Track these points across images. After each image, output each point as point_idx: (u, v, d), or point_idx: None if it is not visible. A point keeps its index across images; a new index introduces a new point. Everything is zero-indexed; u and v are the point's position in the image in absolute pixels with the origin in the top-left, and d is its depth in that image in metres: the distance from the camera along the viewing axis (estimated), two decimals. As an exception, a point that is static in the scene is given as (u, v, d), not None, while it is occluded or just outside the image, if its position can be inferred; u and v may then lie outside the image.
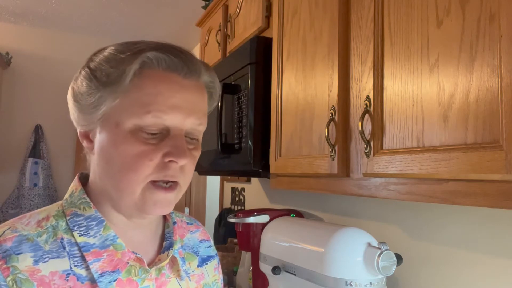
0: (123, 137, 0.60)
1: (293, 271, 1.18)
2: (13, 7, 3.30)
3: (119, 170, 0.60)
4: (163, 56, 0.61)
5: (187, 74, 0.63)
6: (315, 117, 1.10)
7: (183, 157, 0.60)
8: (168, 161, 0.60)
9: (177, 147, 0.60)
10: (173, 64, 0.61)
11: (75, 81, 0.65)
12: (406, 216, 1.24)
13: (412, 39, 0.80)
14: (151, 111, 0.59)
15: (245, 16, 1.65)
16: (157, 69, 0.61)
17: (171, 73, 0.62)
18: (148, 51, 0.61)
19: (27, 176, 3.57)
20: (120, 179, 0.61)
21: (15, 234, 0.59)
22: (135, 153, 0.59)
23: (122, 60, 0.61)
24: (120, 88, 0.60)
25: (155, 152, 0.60)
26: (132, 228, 0.68)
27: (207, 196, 3.75)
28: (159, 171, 0.60)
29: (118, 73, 0.60)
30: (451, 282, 1.09)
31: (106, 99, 0.61)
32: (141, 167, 0.60)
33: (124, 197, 0.62)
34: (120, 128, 0.60)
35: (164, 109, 0.60)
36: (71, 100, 0.66)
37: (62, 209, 0.65)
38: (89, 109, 0.62)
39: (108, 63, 0.62)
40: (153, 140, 0.60)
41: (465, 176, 0.67)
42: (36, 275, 0.57)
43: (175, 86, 0.61)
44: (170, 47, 0.63)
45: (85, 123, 0.64)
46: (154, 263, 0.68)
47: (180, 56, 0.62)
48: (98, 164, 0.64)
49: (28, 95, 3.72)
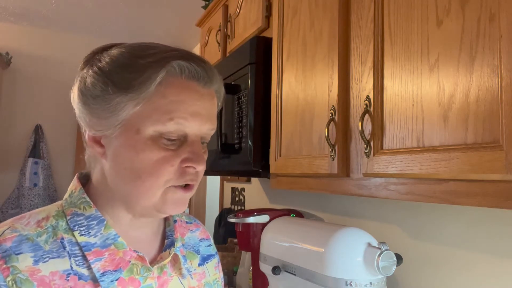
0: (143, 143, 0.61)
1: (293, 271, 1.18)
2: (13, 7, 3.30)
3: (139, 176, 0.61)
4: (186, 64, 0.62)
5: (207, 83, 0.64)
6: (315, 117, 1.10)
7: (201, 163, 0.63)
8: (186, 167, 0.62)
9: (195, 153, 0.63)
10: (196, 73, 0.63)
11: (82, 83, 0.64)
12: (406, 216, 1.24)
13: (412, 39, 0.80)
14: (174, 118, 0.60)
15: (245, 16, 1.65)
16: (180, 77, 0.62)
17: (192, 81, 0.63)
18: (171, 59, 0.61)
19: (27, 176, 3.57)
20: (141, 185, 0.62)
21: (15, 234, 0.59)
22: (156, 159, 0.61)
23: (144, 66, 0.60)
24: (143, 95, 0.60)
25: (175, 158, 0.62)
26: (135, 228, 0.68)
27: (207, 196, 3.75)
28: (179, 176, 0.62)
29: (141, 80, 0.60)
30: (451, 282, 1.09)
31: (126, 104, 0.60)
32: (163, 173, 0.61)
33: (143, 200, 0.63)
34: (141, 134, 0.61)
35: (186, 117, 0.61)
36: (80, 103, 0.64)
37: (62, 209, 0.65)
38: (104, 114, 0.61)
39: (125, 68, 0.61)
40: (172, 146, 0.62)
41: (465, 176, 0.67)
42: (36, 275, 0.57)
43: (196, 95, 0.63)
44: (192, 56, 0.64)
45: (100, 128, 0.63)
46: (156, 261, 0.68)
47: (202, 66, 0.63)
48: (113, 168, 0.64)
49: (28, 95, 3.71)
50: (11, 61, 3.63)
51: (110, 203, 0.66)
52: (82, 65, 0.66)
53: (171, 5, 3.10)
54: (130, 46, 0.65)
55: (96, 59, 0.64)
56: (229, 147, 1.48)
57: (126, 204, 0.65)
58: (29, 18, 3.52)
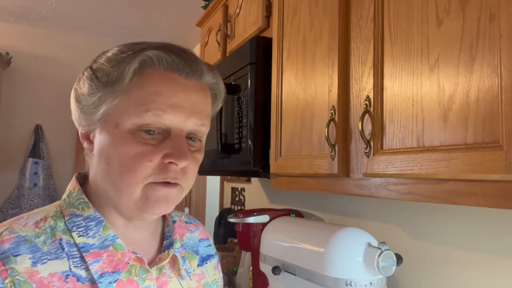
0: (122, 137, 0.59)
1: (293, 271, 1.18)
2: (13, 7, 3.30)
3: (118, 171, 0.60)
4: (164, 55, 0.60)
5: (189, 74, 0.62)
6: (315, 117, 1.10)
7: (183, 158, 0.59)
8: (168, 163, 0.60)
9: (177, 148, 0.59)
10: (174, 64, 0.61)
11: (77, 83, 0.65)
12: (406, 216, 1.24)
13: (412, 39, 0.80)
14: (150, 110, 0.58)
15: (245, 16, 1.65)
16: (158, 68, 0.61)
17: (173, 72, 0.61)
18: (149, 50, 0.60)
19: (27, 176, 3.57)
20: (120, 181, 0.60)
21: (12, 236, 0.58)
22: (134, 153, 0.59)
23: (122, 59, 0.60)
24: (120, 88, 0.60)
25: (154, 153, 0.59)
26: (132, 230, 0.67)
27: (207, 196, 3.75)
28: (159, 172, 0.60)
29: (118, 72, 0.60)
30: (451, 282, 1.09)
31: (106, 99, 0.60)
32: (140, 168, 0.59)
33: (124, 199, 0.61)
34: (119, 128, 0.60)
35: (164, 108, 0.59)
36: (73, 102, 0.65)
37: (60, 210, 0.64)
38: (90, 110, 0.62)
39: (109, 63, 0.62)
40: (153, 141, 0.60)
41: (465, 176, 0.67)
42: (35, 277, 0.56)
43: (176, 86, 0.61)
44: (172, 47, 0.62)
45: (86, 123, 0.64)
46: (154, 262, 0.67)
47: (182, 56, 0.62)
48: (98, 165, 0.63)
49: (28, 95, 3.71)
50: (11, 61, 3.63)
51: (103, 204, 0.65)
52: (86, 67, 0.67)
53: (171, 5, 3.10)
54: (123, 44, 0.65)
55: (94, 61, 0.65)
56: (229, 147, 1.48)
57: (111, 203, 0.64)
58: (29, 18, 3.52)
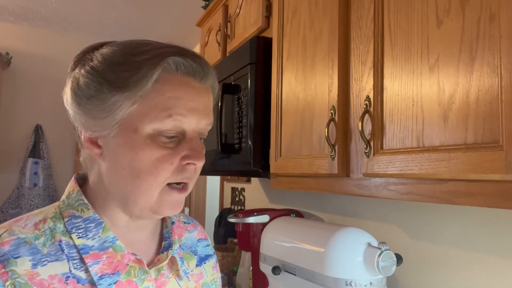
0: (142, 142, 0.60)
1: (293, 271, 1.18)
2: (13, 7, 3.30)
3: (138, 176, 0.60)
4: (182, 61, 0.61)
5: (203, 79, 0.64)
6: (315, 117, 1.10)
7: (201, 158, 0.63)
8: (186, 164, 0.62)
9: (195, 150, 0.62)
10: (191, 69, 0.62)
11: (75, 83, 0.63)
12: (406, 216, 1.24)
13: (412, 39, 0.80)
14: (172, 115, 0.60)
15: (245, 16, 1.65)
16: (176, 73, 0.61)
17: (189, 77, 0.62)
18: (167, 55, 0.60)
19: (27, 176, 3.57)
20: (140, 184, 0.61)
21: (12, 238, 0.58)
22: (156, 157, 0.60)
23: (139, 63, 0.59)
24: (140, 93, 0.59)
25: (174, 155, 0.61)
26: (132, 229, 0.67)
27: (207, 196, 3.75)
28: (177, 174, 0.62)
29: (137, 77, 0.59)
30: (451, 282, 1.09)
31: (122, 103, 0.59)
32: (162, 172, 0.61)
33: (140, 201, 0.62)
34: (139, 133, 0.60)
35: (184, 113, 0.61)
36: (74, 104, 0.63)
37: (59, 211, 0.64)
38: (100, 114, 0.60)
39: (120, 67, 0.60)
40: (171, 144, 0.61)
41: (465, 176, 0.67)
42: (35, 279, 0.56)
43: (193, 91, 0.62)
44: (186, 52, 0.63)
45: (97, 128, 0.61)
46: (153, 263, 0.67)
47: (198, 61, 0.63)
48: (111, 169, 0.63)
49: (28, 95, 3.71)
50: (11, 61, 3.63)
51: (107, 205, 0.65)
52: (73, 65, 0.65)
53: (171, 5, 3.10)
54: (122, 44, 0.64)
55: (87, 59, 0.63)
56: (229, 147, 1.48)
57: (123, 205, 0.64)
58: (29, 18, 3.52)
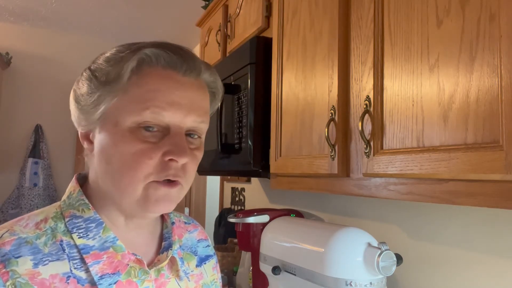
0: (122, 136, 0.60)
1: (293, 271, 1.18)
2: (13, 7, 3.30)
3: (119, 170, 0.60)
4: (162, 53, 0.61)
5: (187, 71, 0.62)
6: (315, 117, 1.10)
7: (183, 155, 0.60)
8: (169, 160, 0.60)
9: (177, 145, 0.60)
10: (172, 61, 0.61)
11: (76, 83, 0.66)
12: (406, 216, 1.24)
13: (412, 39, 0.80)
14: (149, 107, 0.59)
15: (245, 16, 1.65)
16: (156, 66, 0.61)
17: (170, 70, 0.62)
18: (146, 48, 0.61)
19: (27, 176, 3.57)
20: (120, 179, 0.60)
21: (13, 237, 0.58)
22: (134, 151, 0.59)
23: (120, 58, 0.61)
24: (119, 86, 0.60)
25: (155, 150, 0.59)
26: (132, 229, 0.67)
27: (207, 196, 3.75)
28: (160, 170, 0.60)
29: (116, 71, 0.60)
30: (450, 282, 1.09)
31: (105, 98, 0.61)
32: (141, 166, 0.59)
33: (126, 197, 0.61)
34: (119, 127, 0.60)
35: (163, 105, 0.59)
36: (73, 102, 0.66)
37: (60, 211, 0.64)
38: (88, 109, 0.62)
39: (107, 63, 0.62)
40: (153, 138, 0.60)
41: (465, 176, 0.67)
42: (36, 279, 0.56)
43: (174, 83, 0.61)
44: (169, 45, 0.63)
45: (85, 123, 0.64)
46: (153, 264, 0.67)
47: (179, 53, 0.62)
48: (99, 164, 0.63)
49: (28, 95, 3.71)
50: (11, 61, 3.63)
51: (104, 204, 0.65)
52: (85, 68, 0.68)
53: (171, 5, 3.10)
54: (122, 44, 0.65)
55: (92, 62, 0.66)
56: (229, 147, 1.48)
57: (113, 202, 0.64)
58: (29, 18, 3.52)
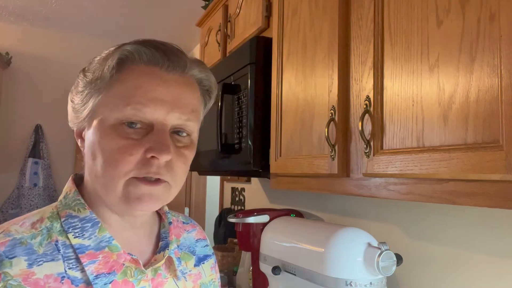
0: (105, 132, 0.60)
1: (293, 271, 1.18)
2: (13, 7, 3.30)
3: (102, 166, 0.60)
4: (143, 49, 0.61)
5: (170, 67, 0.62)
6: (315, 117, 1.10)
7: (165, 152, 0.58)
8: (151, 157, 0.59)
9: (159, 142, 0.59)
10: (154, 58, 0.61)
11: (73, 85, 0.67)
12: (406, 216, 1.24)
13: (412, 39, 0.80)
14: (130, 103, 0.59)
15: (245, 16, 1.65)
16: (139, 63, 0.62)
17: (153, 66, 0.62)
18: (128, 45, 0.62)
19: (27, 176, 3.57)
20: (102, 175, 0.60)
21: (8, 238, 0.58)
22: (116, 147, 0.59)
23: (106, 56, 0.62)
24: (103, 84, 0.61)
25: (136, 147, 0.59)
26: (127, 229, 0.67)
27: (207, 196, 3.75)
28: (141, 167, 0.59)
29: (101, 69, 0.61)
30: (451, 282, 1.09)
31: (92, 95, 0.62)
32: (121, 162, 0.58)
33: (109, 193, 0.61)
34: (103, 124, 0.61)
35: (144, 102, 0.59)
36: (69, 102, 0.68)
37: (57, 211, 0.64)
38: (79, 107, 0.64)
39: (96, 62, 0.64)
40: (136, 135, 0.60)
41: (465, 176, 0.67)
42: (30, 279, 0.56)
43: (156, 80, 0.61)
44: (152, 41, 0.63)
45: (76, 121, 0.65)
46: (150, 263, 0.67)
47: (162, 49, 0.62)
48: (87, 161, 0.64)
49: (28, 95, 3.71)
50: (11, 61, 3.63)
51: (96, 203, 0.65)
52: None
53: (171, 5, 3.10)
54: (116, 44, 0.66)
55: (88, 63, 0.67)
56: (229, 147, 1.48)
57: (103, 200, 0.64)
58: (29, 18, 3.52)
